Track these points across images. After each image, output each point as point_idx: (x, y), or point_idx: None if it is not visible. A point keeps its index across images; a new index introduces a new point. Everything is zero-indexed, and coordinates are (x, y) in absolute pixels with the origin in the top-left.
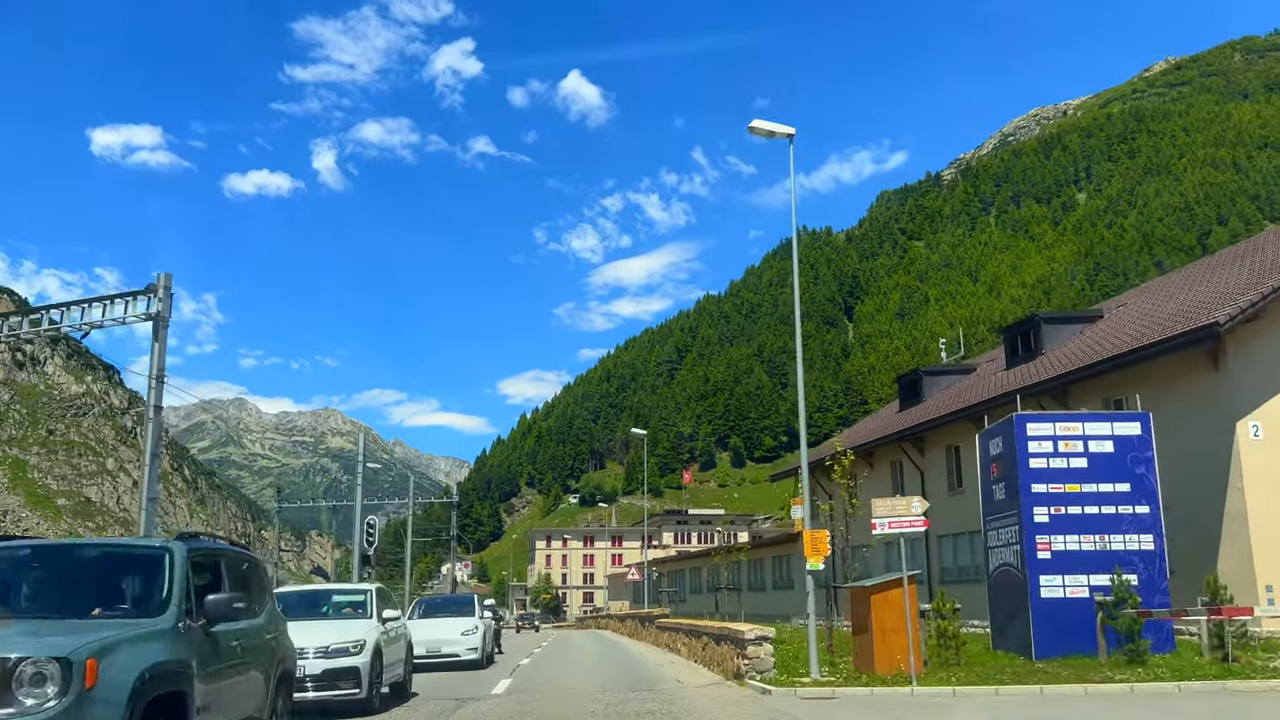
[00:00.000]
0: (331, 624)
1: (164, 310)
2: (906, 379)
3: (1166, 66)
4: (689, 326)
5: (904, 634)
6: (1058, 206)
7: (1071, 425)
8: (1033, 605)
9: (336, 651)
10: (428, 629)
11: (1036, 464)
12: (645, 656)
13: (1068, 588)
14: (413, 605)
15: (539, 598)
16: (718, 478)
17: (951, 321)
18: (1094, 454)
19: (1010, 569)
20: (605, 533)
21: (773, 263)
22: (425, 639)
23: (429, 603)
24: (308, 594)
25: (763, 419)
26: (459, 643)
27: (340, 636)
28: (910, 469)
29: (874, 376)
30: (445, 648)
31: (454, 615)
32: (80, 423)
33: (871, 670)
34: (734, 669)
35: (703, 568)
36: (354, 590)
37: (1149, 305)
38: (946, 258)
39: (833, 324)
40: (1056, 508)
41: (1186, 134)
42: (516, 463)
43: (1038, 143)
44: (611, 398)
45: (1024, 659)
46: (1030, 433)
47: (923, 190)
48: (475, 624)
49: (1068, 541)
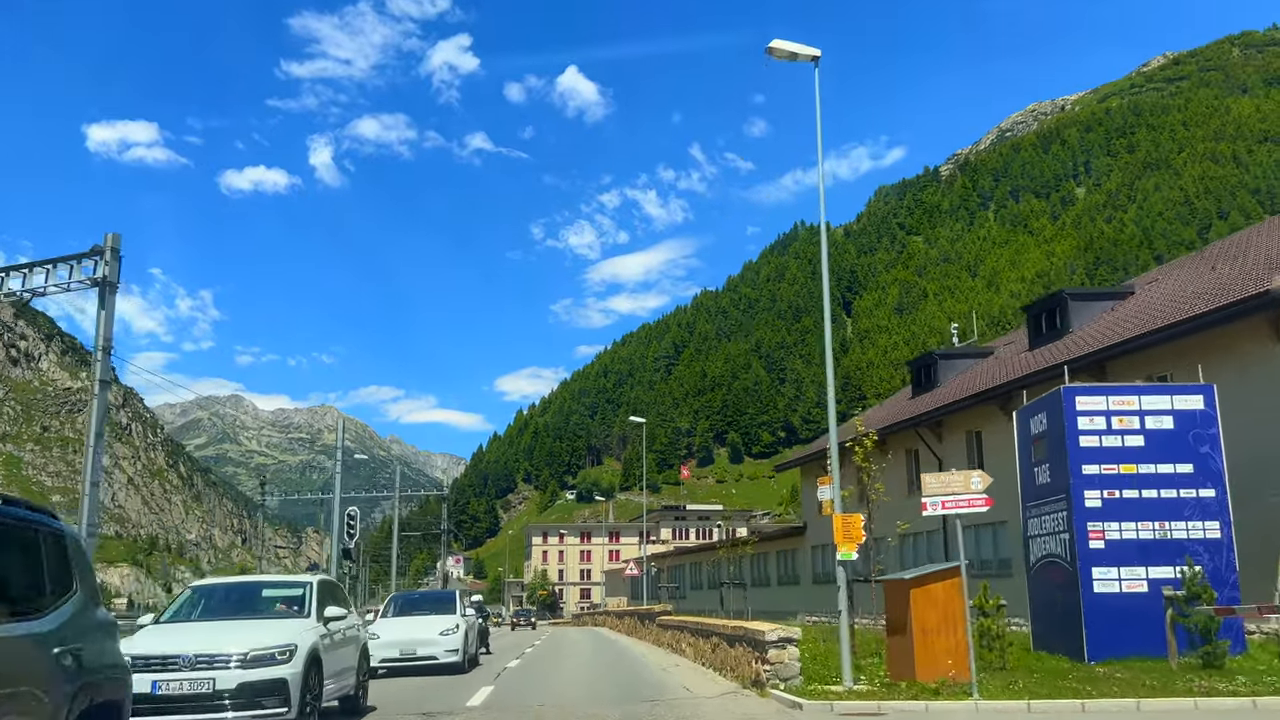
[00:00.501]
0: (257, 625)
1: (111, 275)
2: (919, 363)
3: (1165, 61)
4: (686, 322)
5: (949, 635)
6: (1056, 201)
7: (1126, 399)
8: (1085, 601)
9: (258, 659)
10: (401, 628)
11: (1088, 442)
12: (646, 658)
13: (1124, 581)
14: (386, 602)
15: (535, 594)
16: (715, 473)
17: (950, 316)
18: (1152, 431)
19: (1056, 561)
20: (602, 529)
21: (770, 258)
22: (399, 639)
23: (404, 598)
24: (233, 588)
25: (760, 414)
26: (437, 644)
27: (264, 640)
28: (928, 456)
29: (873, 371)
30: (421, 649)
31: (432, 613)
32: (75, 419)
33: (911, 677)
34: (751, 675)
35: (704, 563)
36: (290, 583)
37: (1185, 279)
38: (945, 252)
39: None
40: (1110, 491)
41: (1186, 128)
42: (513, 459)
43: (1036, 137)
44: (609, 393)
45: (1074, 662)
46: (1080, 407)
47: (921, 185)
48: (456, 622)
49: (1124, 529)
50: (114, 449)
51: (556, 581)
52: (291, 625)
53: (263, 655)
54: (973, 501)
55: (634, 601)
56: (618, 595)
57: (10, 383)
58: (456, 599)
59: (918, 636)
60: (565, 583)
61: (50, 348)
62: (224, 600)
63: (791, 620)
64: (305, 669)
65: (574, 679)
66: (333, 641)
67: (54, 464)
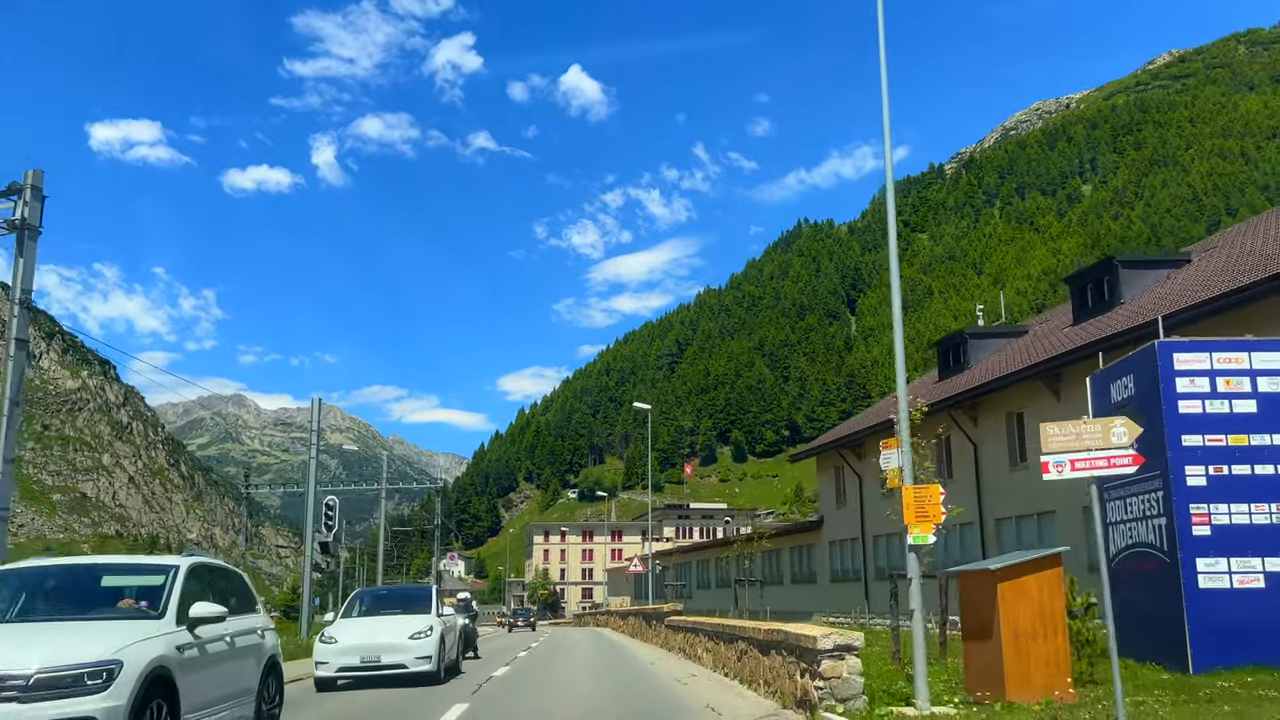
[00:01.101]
0: (78, 629)
1: (32, 217)
2: (948, 343)
3: (1170, 59)
4: (689, 320)
5: (1047, 641)
6: (1063, 198)
7: (1235, 356)
8: (1187, 599)
9: (56, 684)
10: (364, 630)
11: (1188, 408)
12: (656, 665)
13: (1236, 575)
14: (349, 599)
15: (536, 594)
16: (719, 472)
17: (956, 314)
18: (1267, 395)
19: (1148, 552)
20: (605, 527)
21: (774, 255)
22: (360, 644)
23: (370, 595)
24: (59, 573)
25: (764, 413)
26: (406, 649)
27: (72, 655)
28: (961, 442)
29: (877, 370)
30: (387, 656)
31: (402, 612)
32: (75, 418)
33: (999, 693)
34: (795, 693)
35: (712, 560)
36: (145, 567)
37: (1249, 244)
38: (950, 250)
39: (835, 317)
40: (1217, 467)
41: (1193, 125)
42: (515, 458)
43: (1041, 134)
44: (611, 392)
45: (1175, 674)
46: (1179, 366)
47: (925, 182)
48: (429, 624)
49: (1234, 513)
50: (115, 448)
51: (558, 581)
52: (126, 631)
53: (66, 675)
54: (1114, 460)
55: (638, 601)
56: (621, 595)
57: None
58: (432, 596)
59: (1008, 643)
60: (567, 582)
61: (51, 346)
62: (36, 589)
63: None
64: (134, 699)
65: (569, 693)
66: (207, 656)
67: (54, 463)
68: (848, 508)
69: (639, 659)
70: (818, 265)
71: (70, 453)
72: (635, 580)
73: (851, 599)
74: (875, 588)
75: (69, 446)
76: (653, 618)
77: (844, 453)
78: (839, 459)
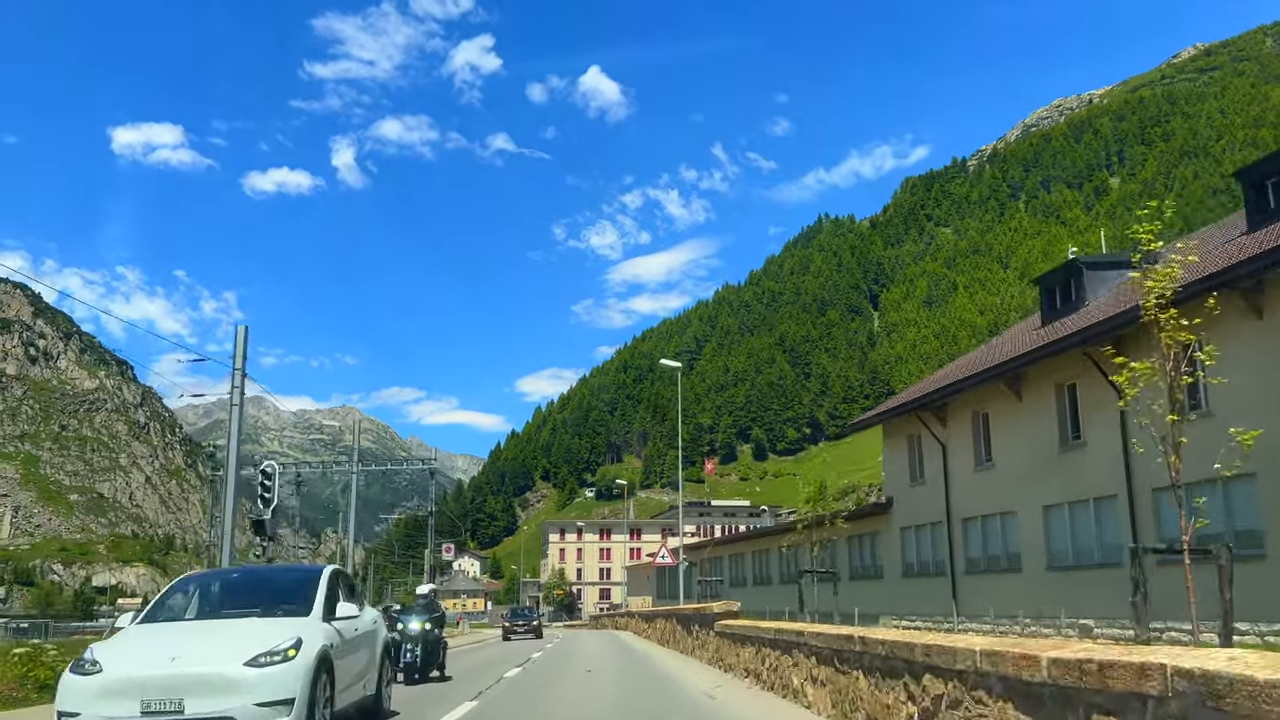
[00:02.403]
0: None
1: None
2: (1055, 277)
3: (1195, 52)
4: (708, 316)
5: None
6: (1089, 191)
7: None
8: None
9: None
10: (166, 650)
11: None
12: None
13: None
14: (167, 589)
15: (552, 594)
16: (739, 471)
17: (982, 309)
18: None
19: None
20: (623, 525)
21: (794, 250)
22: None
23: (202, 583)
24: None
25: (785, 410)
26: (236, 686)
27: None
28: (1094, 393)
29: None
30: (198, 700)
31: (250, 614)
32: (93, 418)
33: None
34: None
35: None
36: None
37: None
38: (975, 244)
39: (857, 312)
40: None
41: (1223, 115)
42: (531, 456)
43: (1067, 127)
44: (629, 389)
45: None
46: None
47: (949, 176)
48: (295, 636)
49: None
50: (132, 448)
51: (575, 581)
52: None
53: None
54: None
55: (662, 600)
56: (642, 594)
57: (29, 381)
58: (317, 583)
59: None
60: (583, 582)
61: (69, 347)
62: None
63: (890, 621)
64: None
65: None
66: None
67: (71, 463)
68: (926, 485)
69: (686, 688)
70: (839, 260)
71: (88, 453)
72: (661, 576)
73: (930, 598)
74: (967, 584)
75: (86, 446)
76: (694, 621)
77: (923, 416)
78: (916, 424)
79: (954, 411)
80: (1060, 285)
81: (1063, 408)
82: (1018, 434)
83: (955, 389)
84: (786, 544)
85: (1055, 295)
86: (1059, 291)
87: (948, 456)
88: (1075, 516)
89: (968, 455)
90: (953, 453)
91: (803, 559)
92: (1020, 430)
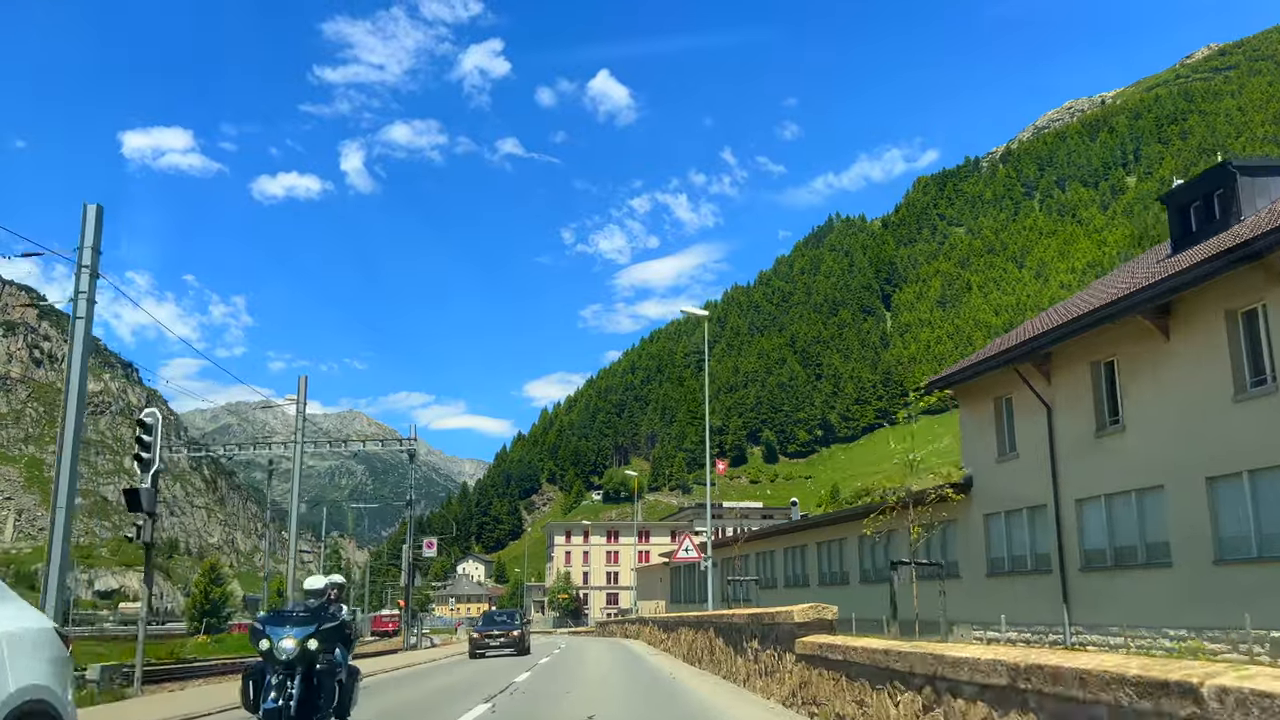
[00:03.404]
0: None
1: None
2: (1195, 188)
3: (1210, 52)
4: (717, 316)
5: None
6: (1106, 190)
7: None
8: None
9: None
10: None
11: None
12: None
13: None
14: None
15: (557, 599)
16: (749, 473)
17: (997, 309)
18: None
19: None
20: (632, 527)
21: (804, 250)
22: None
23: None
24: None
25: (796, 411)
26: None
27: None
28: None
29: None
30: None
31: None
32: (98, 421)
33: None
34: None
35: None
36: None
37: None
38: (989, 243)
39: (870, 312)
40: None
41: (1242, 113)
42: (537, 458)
43: (1081, 125)
44: (636, 390)
45: None
46: None
47: (962, 176)
48: None
49: None
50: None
51: (581, 585)
52: None
53: None
54: None
55: (677, 605)
56: (653, 598)
57: (33, 384)
58: None
59: None
60: (590, 586)
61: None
62: None
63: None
64: None
65: None
66: None
67: None
68: (1021, 460)
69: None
70: (850, 260)
71: (92, 455)
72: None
73: (1027, 602)
74: (1083, 584)
75: (90, 449)
76: (749, 634)
77: (1023, 370)
78: (1009, 382)
79: (1064, 362)
80: (1202, 198)
81: (1237, 343)
82: (1165, 384)
83: (1068, 331)
84: (871, 529)
85: (1190, 216)
86: (1199, 208)
87: (1055, 420)
88: (1262, 490)
89: (1085, 417)
90: (1062, 415)
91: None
92: (1169, 379)
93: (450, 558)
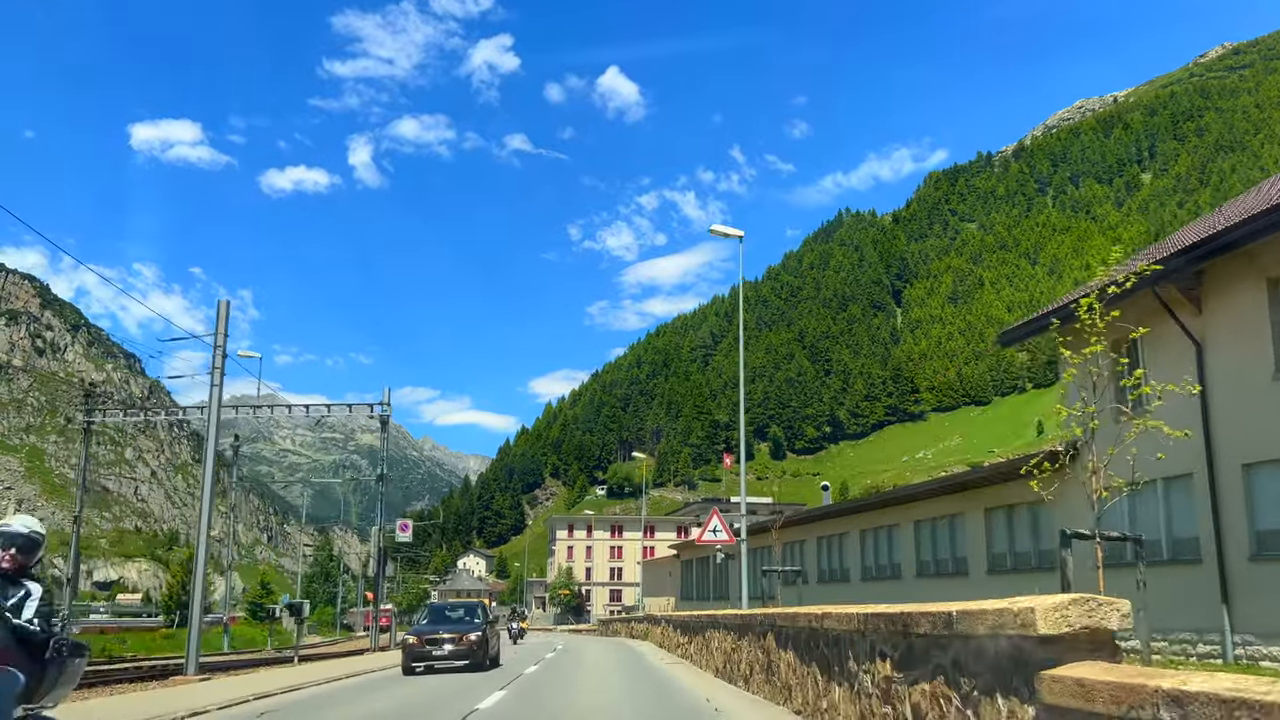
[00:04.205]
0: None
1: None
2: None
3: (1224, 51)
4: (724, 311)
5: None
6: (1120, 186)
7: None
8: None
9: None
10: None
11: None
12: None
13: None
14: None
15: (558, 594)
16: (755, 470)
17: (1010, 305)
18: None
19: None
20: (637, 522)
21: (813, 245)
22: None
23: None
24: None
25: (804, 407)
26: None
27: None
28: None
29: (926, 364)
30: None
31: None
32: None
33: None
34: None
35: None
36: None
37: None
38: (1002, 239)
39: (880, 308)
40: None
41: (1260, 110)
42: (541, 453)
43: (1096, 122)
44: (641, 385)
45: None
46: None
47: (974, 171)
48: None
49: None
50: (138, 442)
51: (583, 581)
52: None
53: None
54: None
55: (688, 602)
56: (661, 594)
57: (35, 373)
58: None
59: None
60: (593, 582)
61: (76, 338)
62: None
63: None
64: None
65: None
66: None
67: (76, 456)
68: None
69: None
70: (860, 255)
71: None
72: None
73: (1166, 603)
74: (1253, 579)
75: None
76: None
77: (1165, 291)
78: (1151, 308)
79: (1222, 284)
80: None
81: None
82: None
83: (1238, 238)
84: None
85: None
86: None
87: (1206, 360)
88: None
89: (1253, 355)
90: (1217, 353)
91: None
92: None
93: (451, 552)
